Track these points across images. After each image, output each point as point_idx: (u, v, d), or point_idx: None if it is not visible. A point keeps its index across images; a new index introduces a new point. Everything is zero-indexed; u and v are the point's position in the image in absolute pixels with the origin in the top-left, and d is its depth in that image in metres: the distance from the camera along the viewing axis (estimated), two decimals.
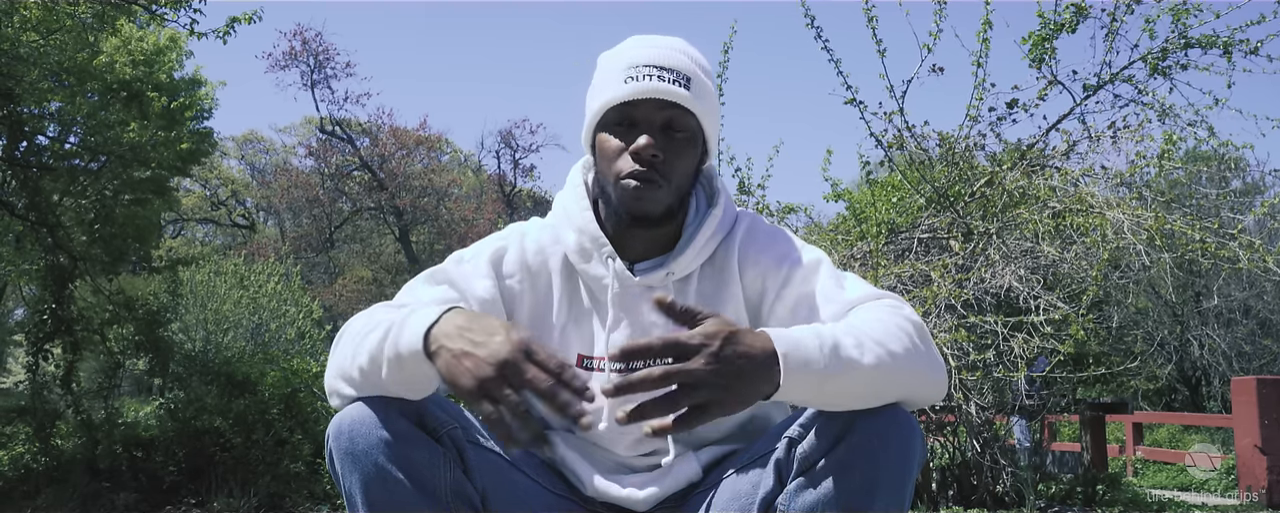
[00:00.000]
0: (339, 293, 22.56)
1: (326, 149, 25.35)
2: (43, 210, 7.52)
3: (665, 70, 1.35)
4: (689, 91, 1.36)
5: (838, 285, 1.36)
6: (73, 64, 7.31)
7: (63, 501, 6.53)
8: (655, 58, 1.37)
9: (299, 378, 7.30)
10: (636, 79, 1.34)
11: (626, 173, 1.35)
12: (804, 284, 1.38)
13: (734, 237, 1.45)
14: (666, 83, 1.34)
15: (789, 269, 1.39)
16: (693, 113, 1.37)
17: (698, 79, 1.38)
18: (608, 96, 1.36)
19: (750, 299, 1.42)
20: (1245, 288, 13.65)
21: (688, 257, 1.40)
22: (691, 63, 1.39)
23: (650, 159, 1.34)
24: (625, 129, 1.37)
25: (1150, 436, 12.49)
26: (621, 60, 1.38)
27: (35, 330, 7.67)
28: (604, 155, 1.39)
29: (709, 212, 1.44)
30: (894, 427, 1.17)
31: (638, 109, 1.36)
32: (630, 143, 1.35)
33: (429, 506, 1.19)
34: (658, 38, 1.43)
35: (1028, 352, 4.49)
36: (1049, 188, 5.13)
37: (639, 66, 1.36)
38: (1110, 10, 5.21)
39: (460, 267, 1.43)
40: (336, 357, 1.27)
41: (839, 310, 1.31)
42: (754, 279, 1.42)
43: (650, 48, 1.39)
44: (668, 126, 1.37)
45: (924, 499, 5.16)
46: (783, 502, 1.21)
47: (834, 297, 1.34)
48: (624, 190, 1.35)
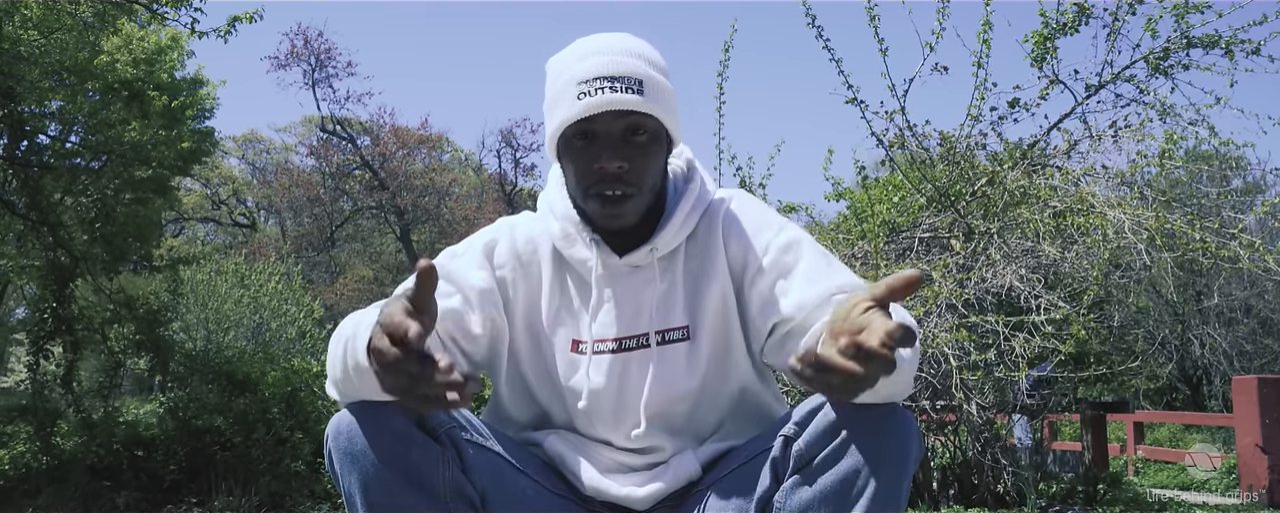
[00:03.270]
0: (340, 292, 22.57)
1: (327, 148, 25.37)
2: (44, 209, 7.52)
3: (616, 80, 1.33)
4: (643, 96, 1.33)
5: (827, 265, 1.37)
6: (74, 63, 7.32)
7: (63, 500, 6.53)
8: (603, 67, 1.34)
9: (300, 377, 7.30)
10: (589, 94, 1.32)
11: (594, 190, 1.34)
12: (787, 259, 1.38)
13: (717, 212, 1.45)
14: (619, 92, 1.32)
15: (772, 243, 1.40)
16: (651, 114, 1.35)
17: (650, 79, 1.35)
18: (563, 115, 1.34)
19: (735, 273, 1.42)
20: (1246, 287, 13.64)
21: (669, 232, 1.41)
22: (640, 63, 1.36)
23: (616, 173, 1.33)
24: (586, 144, 1.35)
25: (1151, 435, 12.50)
26: (571, 75, 1.35)
27: (36, 330, 7.67)
28: (569, 173, 1.38)
29: (686, 187, 1.44)
30: (890, 424, 1.17)
31: (595, 123, 1.34)
32: (593, 158, 1.34)
33: (428, 505, 1.19)
34: (603, 40, 1.39)
35: (1029, 351, 4.49)
36: (1050, 187, 5.12)
37: (589, 81, 1.33)
38: (1112, 10, 5.21)
39: (454, 261, 1.43)
40: (328, 362, 1.28)
41: (826, 290, 1.31)
42: (738, 253, 1.42)
43: (597, 56, 1.36)
44: (628, 133, 1.35)
45: (925, 499, 5.15)
46: (779, 499, 1.22)
47: (820, 276, 1.34)
48: (595, 206, 1.35)
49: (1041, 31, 5.29)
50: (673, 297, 1.42)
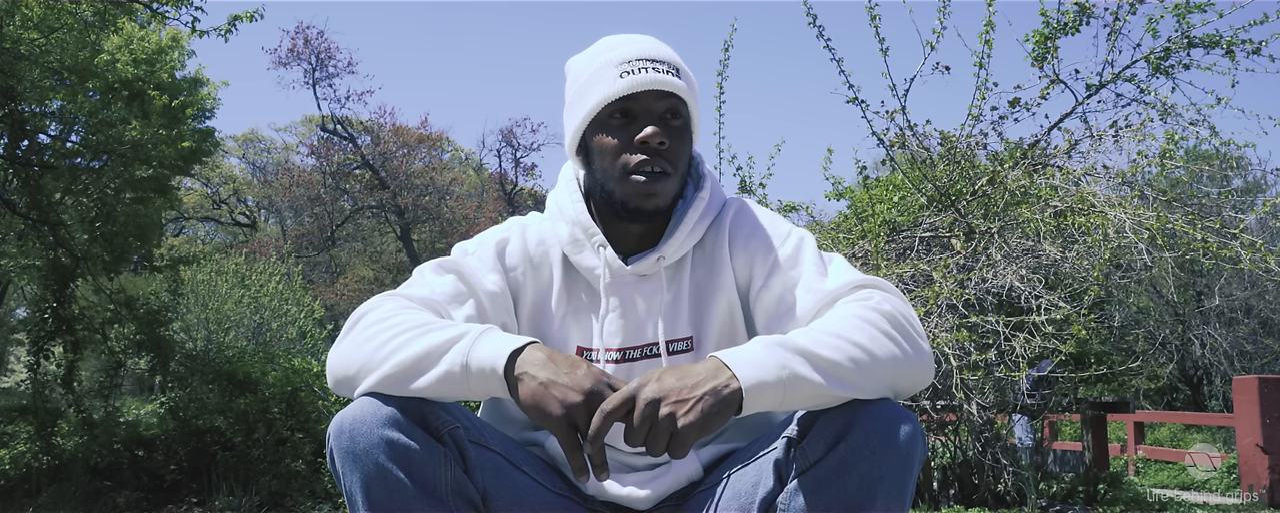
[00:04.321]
0: (340, 292, 22.57)
1: (328, 148, 25.37)
2: (44, 209, 7.52)
3: (657, 62, 1.37)
4: (682, 81, 1.38)
5: (820, 273, 1.37)
6: (74, 63, 7.32)
7: (64, 499, 6.53)
8: (644, 51, 1.38)
9: (300, 377, 7.29)
10: (633, 73, 1.35)
11: (635, 166, 1.35)
12: (790, 272, 1.38)
13: (724, 222, 1.45)
14: (662, 73, 1.36)
15: (776, 256, 1.40)
16: (686, 101, 1.39)
17: (684, 69, 1.41)
18: (604, 93, 1.36)
19: (741, 285, 1.43)
20: (1247, 287, 13.64)
21: (677, 241, 1.41)
22: (674, 54, 1.42)
23: (659, 148, 1.35)
24: (624, 123, 1.37)
25: (1152, 435, 12.50)
26: (609, 58, 1.39)
27: (37, 329, 7.67)
28: (605, 153, 1.38)
29: (696, 195, 1.44)
30: (894, 426, 1.17)
31: (637, 102, 1.36)
32: (633, 135, 1.36)
33: (430, 505, 1.19)
34: (633, 35, 1.44)
35: (1029, 351, 4.49)
36: (1051, 187, 5.12)
37: (632, 61, 1.37)
38: (1113, 9, 5.21)
39: (467, 259, 1.43)
40: (356, 344, 1.24)
41: (818, 301, 1.32)
42: (744, 264, 1.42)
43: (634, 43, 1.40)
44: (667, 116, 1.38)
45: (925, 499, 5.15)
46: (783, 501, 1.21)
47: (815, 286, 1.35)
48: (633, 186, 1.36)
49: (1042, 31, 5.29)
50: (678, 307, 1.42)
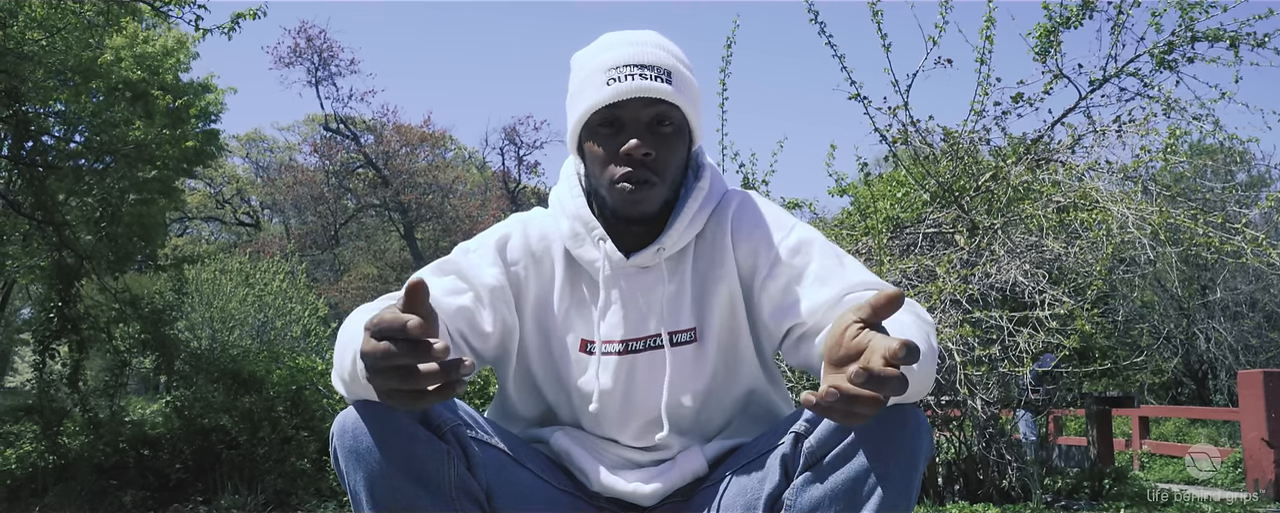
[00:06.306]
0: (344, 290, 22.60)
1: (331, 146, 25.39)
2: (49, 209, 7.53)
3: (646, 68, 1.35)
4: (671, 86, 1.35)
5: (838, 263, 1.36)
6: (78, 63, 7.32)
7: (70, 499, 6.55)
8: (634, 56, 1.36)
9: (305, 375, 7.30)
10: (619, 80, 1.34)
11: (620, 176, 1.34)
12: (797, 261, 1.37)
13: (727, 212, 1.44)
14: (649, 80, 1.34)
15: (782, 245, 1.39)
16: (677, 106, 1.36)
17: (678, 72, 1.37)
18: (591, 100, 1.35)
19: (743, 276, 1.42)
20: (1251, 281, 13.62)
21: (677, 231, 1.40)
22: (669, 56, 1.39)
23: (642, 159, 1.34)
24: (612, 132, 1.36)
25: (1156, 429, 12.47)
26: (600, 62, 1.37)
27: (42, 329, 7.68)
28: (594, 161, 1.38)
29: (695, 185, 1.43)
30: (900, 422, 1.17)
31: (624, 110, 1.35)
32: (619, 145, 1.34)
33: (433, 503, 1.19)
34: (631, 34, 1.42)
35: (1033, 346, 4.49)
36: (1054, 182, 5.12)
37: (619, 68, 1.35)
38: (1116, 3, 5.19)
39: (467, 257, 1.43)
40: (335, 357, 1.26)
41: (840, 290, 1.30)
42: (747, 255, 1.41)
43: (627, 46, 1.38)
44: (655, 123, 1.36)
45: (930, 494, 5.15)
46: (789, 497, 1.21)
47: (832, 276, 1.33)
48: (619, 193, 1.35)
49: (1045, 25, 5.27)
50: (681, 298, 1.41)
